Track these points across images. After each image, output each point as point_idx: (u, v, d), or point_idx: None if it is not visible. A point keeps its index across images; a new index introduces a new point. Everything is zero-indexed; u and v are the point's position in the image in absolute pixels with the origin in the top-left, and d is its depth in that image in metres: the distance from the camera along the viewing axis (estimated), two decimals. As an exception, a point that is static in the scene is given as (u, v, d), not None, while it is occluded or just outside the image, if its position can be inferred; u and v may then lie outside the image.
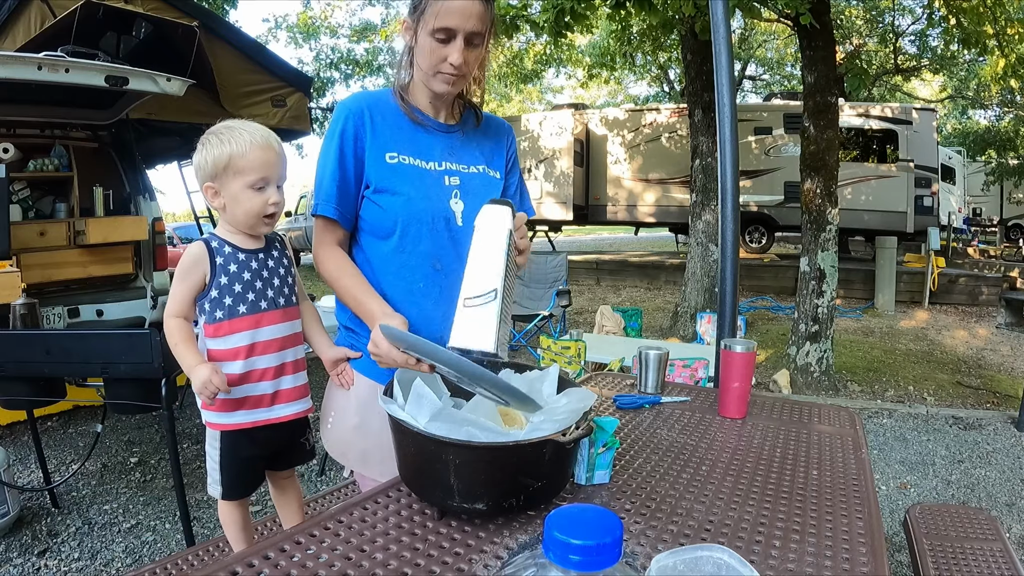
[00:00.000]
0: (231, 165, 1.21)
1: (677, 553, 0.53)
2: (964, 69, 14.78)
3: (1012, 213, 16.61)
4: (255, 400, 1.32)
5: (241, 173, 1.22)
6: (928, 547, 1.80)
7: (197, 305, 1.28)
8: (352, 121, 1.23)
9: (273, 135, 1.27)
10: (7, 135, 4.21)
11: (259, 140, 1.23)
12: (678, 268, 9.35)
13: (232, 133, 1.23)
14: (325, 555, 0.86)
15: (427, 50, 1.18)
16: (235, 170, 1.22)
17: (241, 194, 1.24)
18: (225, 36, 5.08)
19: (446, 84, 1.21)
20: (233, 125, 1.25)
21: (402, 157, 1.24)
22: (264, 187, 1.24)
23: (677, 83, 15.46)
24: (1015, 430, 4.04)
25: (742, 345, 1.47)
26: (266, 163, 1.23)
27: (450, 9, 1.13)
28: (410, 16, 1.20)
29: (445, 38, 1.16)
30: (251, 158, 1.22)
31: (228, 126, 1.25)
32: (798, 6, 4.41)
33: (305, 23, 14.28)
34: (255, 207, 1.25)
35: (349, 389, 1.32)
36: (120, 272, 4.67)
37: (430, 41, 1.17)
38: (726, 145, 2.34)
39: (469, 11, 1.14)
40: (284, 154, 1.29)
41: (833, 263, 4.90)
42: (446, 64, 1.17)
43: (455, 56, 1.16)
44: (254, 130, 1.24)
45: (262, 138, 1.23)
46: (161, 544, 2.60)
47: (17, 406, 3.00)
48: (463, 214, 1.26)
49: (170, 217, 20.60)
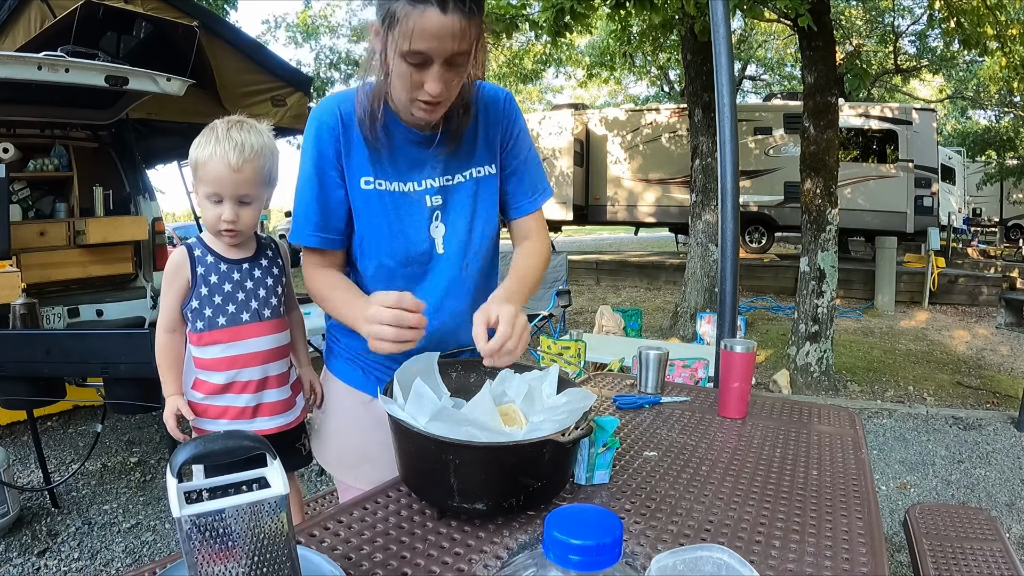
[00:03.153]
0: (196, 169, 1.19)
1: (677, 553, 0.54)
2: (964, 69, 14.78)
3: (1012, 213, 16.61)
4: (236, 411, 1.30)
5: (200, 181, 1.20)
6: (928, 547, 1.80)
7: (181, 312, 1.27)
8: (329, 136, 1.10)
9: (251, 149, 1.18)
10: (7, 135, 4.21)
11: (221, 152, 1.16)
12: (678, 268, 9.35)
13: (211, 136, 1.18)
14: (325, 555, 0.86)
15: (400, 73, 0.99)
16: (198, 176, 1.20)
17: (202, 201, 1.22)
18: (225, 36, 5.07)
19: (424, 113, 1.04)
20: (219, 129, 1.18)
21: (377, 182, 1.12)
22: (219, 201, 1.19)
23: (677, 83, 15.47)
24: (1015, 430, 4.04)
25: (742, 345, 1.47)
26: (218, 179, 1.17)
27: (424, 31, 0.92)
28: (379, 23, 0.98)
29: (420, 63, 0.96)
30: (209, 168, 1.17)
31: (214, 127, 1.19)
32: (797, 7, 4.42)
33: (304, 23, 14.29)
34: (209, 219, 1.21)
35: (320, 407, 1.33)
36: (120, 272, 4.68)
37: (402, 64, 0.97)
38: (726, 145, 2.34)
39: (447, 31, 0.93)
40: (256, 171, 1.20)
41: (833, 263, 4.90)
42: (423, 92, 0.99)
43: (432, 85, 0.98)
44: (232, 140, 1.17)
45: (227, 152, 1.16)
46: (161, 544, 2.60)
47: (17, 406, 3.00)
48: (444, 239, 1.16)
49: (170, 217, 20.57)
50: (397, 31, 0.94)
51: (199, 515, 0.64)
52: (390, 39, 0.96)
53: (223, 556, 0.66)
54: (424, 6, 0.91)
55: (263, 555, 0.67)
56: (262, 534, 0.67)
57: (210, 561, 0.65)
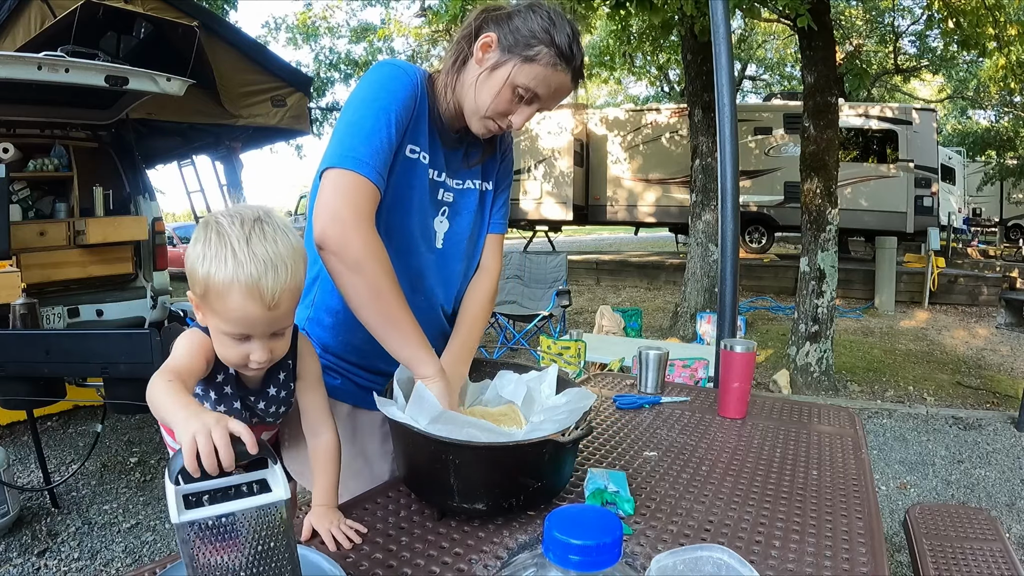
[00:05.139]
0: (208, 293, 0.82)
1: (677, 553, 0.54)
2: (964, 69, 14.79)
3: (1012, 213, 16.61)
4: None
5: (216, 314, 0.84)
6: (928, 547, 1.79)
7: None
8: (412, 92, 1.07)
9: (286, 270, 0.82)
10: (7, 135, 4.21)
11: (247, 279, 0.79)
12: (678, 268, 9.35)
13: (223, 250, 0.80)
14: (325, 555, 0.86)
15: (502, 95, 1.06)
16: (208, 303, 0.84)
17: (218, 336, 0.87)
18: (225, 36, 5.08)
19: (487, 132, 1.11)
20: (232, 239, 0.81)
21: (422, 155, 1.11)
22: (245, 339, 0.86)
23: (677, 83, 15.47)
24: (1015, 430, 4.04)
25: (742, 345, 1.47)
26: (245, 318, 0.82)
27: (549, 83, 1.05)
28: (502, 44, 1.05)
29: (525, 98, 1.07)
30: (230, 303, 0.81)
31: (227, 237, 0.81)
32: (797, 7, 4.42)
33: (304, 24, 14.28)
34: (231, 358, 0.88)
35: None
36: (120, 272, 4.67)
37: (509, 91, 1.05)
38: (726, 145, 2.34)
39: (562, 93, 1.08)
40: (292, 295, 0.85)
41: (833, 263, 4.90)
42: (505, 120, 1.09)
43: (519, 119, 1.08)
44: (257, 260, 0.80)
45: (255, 281, 0.80)
46: (161, 544, 2.60)
47: (17, 406, 3.00)
48: (445, 235, 1.18)
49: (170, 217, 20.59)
50: (528, 67, 1.04)
51: (199, 520, 0.63)
52: (515, 66, 1.04)
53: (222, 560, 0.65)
54: (563, 67, 1.05)
55: (264, 559, 0.67)
56: (264, 538, 0.66)
57: (210, 566, 0.65)
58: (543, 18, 1.04)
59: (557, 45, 1.03)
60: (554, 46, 1.03)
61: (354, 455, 1.15)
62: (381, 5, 14.67)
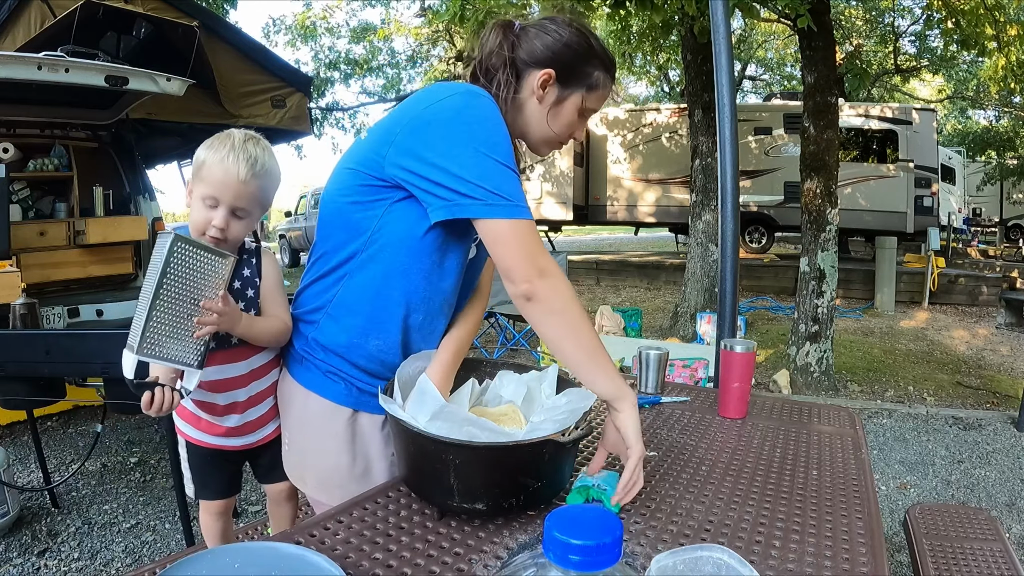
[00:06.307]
0: (200, 170, 1.17)
1: (677, 553, 0.54)
2: (964, 70, 14.79)
3: (1012, 213, 16.61)
4: (224, 431, 1.29)
5: (202, 181, 1.16)
6: (928, 547, 1.80)
7: None
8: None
9: (262, 167, 1.17)
10: (7, 135, 4.21)
11: (234, 161, 1.14)
12: (678, 268, 9.35)
13: (227, 142, 1.16)
14: (325, 555, 0.86)
15: (569, 119, 1.13)
16: (200, 176, 1.17)
17: (195, 202, 1.18)
18: (225, 36, 5.07)
19: (548, 152, 1.19)
20: (235, 138, 1.17)
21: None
22: (214, 206, 1.16)
23: (677, 83, 15.47)
24: (1015, 430, 4.04)
25: (742, 345, 1.47)
26: (222, 184, 1.14)
27: (603, 100, 1.15)
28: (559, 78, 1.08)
29: (586, 117, 1.14)
30: (215, 171, 1.14)
31: (231, 135, 1.17)
32: (797, 7, 4.42)
33: (303, 24, 14.27)
34: (198, 220, 1.17)
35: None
36: (120, 272, 4.68)
37: (575, 113, 1.12)
38: (726, 145, 2.34)
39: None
40: (258, 189, 1.18)
41: (833, 263, 4.90)
42: (567, 138, 1.16)
43: (580, 133, 1.17)
44: (247, 152, 1.15)
45: (239, 162, 1.14)
46: (161, 544, 2.60)
47: (17, 406, 3.00)
48: (470, 262, 1.19)
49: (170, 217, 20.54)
50: (593, 95, 1.11)
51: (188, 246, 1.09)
52: (582, 97, 1.11)
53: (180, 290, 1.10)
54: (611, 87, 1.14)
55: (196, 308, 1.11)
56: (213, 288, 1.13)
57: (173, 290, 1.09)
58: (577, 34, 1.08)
59: (605, 65, 1.11)
60: (604, 68, 1.11)
61: (355, 458, 1.15)
62: (381, 5, 14.68)
